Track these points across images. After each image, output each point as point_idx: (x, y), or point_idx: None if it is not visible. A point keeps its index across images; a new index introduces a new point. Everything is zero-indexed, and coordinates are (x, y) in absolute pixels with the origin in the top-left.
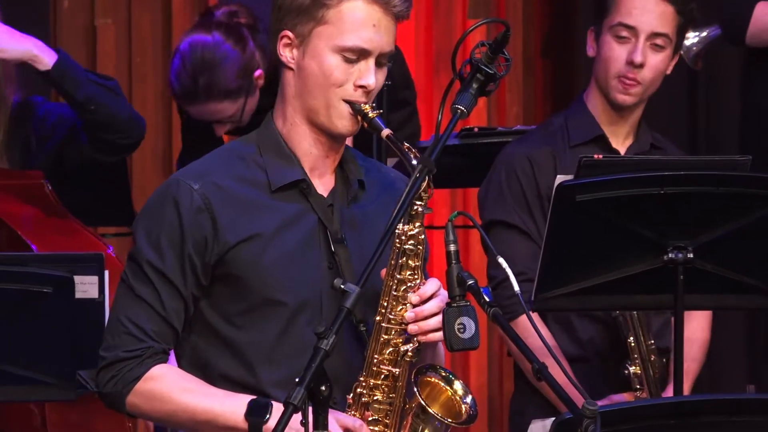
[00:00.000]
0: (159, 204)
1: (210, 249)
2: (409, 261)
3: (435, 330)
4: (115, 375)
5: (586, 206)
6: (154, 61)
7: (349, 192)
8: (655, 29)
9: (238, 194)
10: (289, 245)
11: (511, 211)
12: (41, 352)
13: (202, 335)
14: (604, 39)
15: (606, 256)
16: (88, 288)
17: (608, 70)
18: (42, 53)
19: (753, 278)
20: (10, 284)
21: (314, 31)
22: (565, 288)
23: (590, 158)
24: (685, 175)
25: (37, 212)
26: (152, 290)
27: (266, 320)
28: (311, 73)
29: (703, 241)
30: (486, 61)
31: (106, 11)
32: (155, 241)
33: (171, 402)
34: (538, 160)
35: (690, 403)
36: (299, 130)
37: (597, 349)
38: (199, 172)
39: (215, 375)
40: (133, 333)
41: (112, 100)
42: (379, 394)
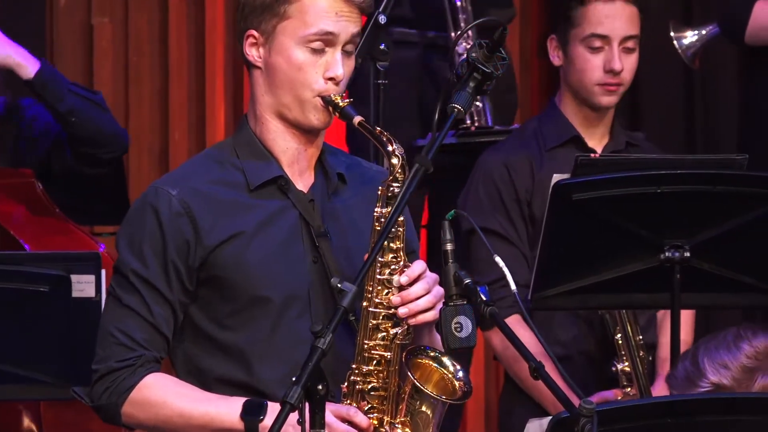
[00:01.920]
0: (139, 213)
1: (192, 252)
2: (391, 244)
3: (425, 311)
4: (108, 386)
5: (583, 205)
6: (151, 60)
7: (329, 185)
8: (626, 33)
9: (216, 196)
10: (272, 242)
11: (491, 218)
12: (38, 351)
13: (194, 341)
14: (576, 51)
15: (603, 254)
16: (85, 287)
17: (587, 79)
18: (24, 61)
19: (750, 277)
20: (6, 283)
21: (278, 27)
22: (561, 287)
23: (587, 157)
24: (682, 174)
25: (28, 211)
26: (139, 298)
27: (255, 318)
28: (279, 69)
29: (700, 240)
30: (482, 61)
31: (102, 10)
32: (138, 250)
33: (166, 408)
34: (515, 166)
35: (685, 403)
36: (272, 128)
37: (580, 348)
38: (177, 178)
39: (211, 379)
40: (124, 342)
41: (95, 114)
42: (373, 380)
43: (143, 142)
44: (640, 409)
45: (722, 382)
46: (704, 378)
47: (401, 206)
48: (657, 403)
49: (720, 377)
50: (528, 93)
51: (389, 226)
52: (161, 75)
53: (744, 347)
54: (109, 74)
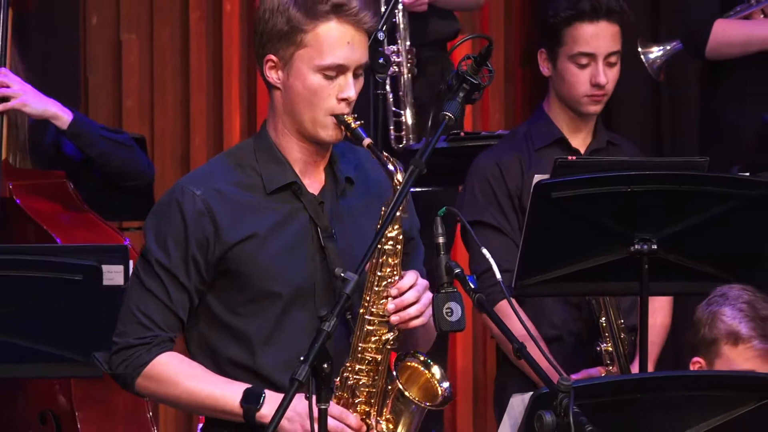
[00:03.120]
0: (165, 208)
1: (212, 248)
2: (389, 259)
3: (415, 317)
4: (125, 359)
5: (561, 202)
6: (173, 71)
7: (338, 189)
8: (609, 50)
9: (236, 198)
10: (284, 242)
11: (485, 212)
12: (71, 334)
13: (209, 323)
14: (564, 66)
15: (579, 247)
16: (114, 276)
17: (576, 92)
18: (60, 113)
19: (710, 267)
20: (44, 273)
21: (296, 54)
22: (542, 276)
23: (565, 159)
24: (650, 175)
25: (60, 208)
26: (160, 284)
27: (265, 309)
28: (297, 92)
29: (666, 233)
30: (471, 73)
31: (130, 27)
32: (162, 242)
33: (176, 386)
34: (507, 165)
35: (654, 379)
36: (289, 140)
37: (570, 329)
38: (202, 178)
39: (219, 358)
40: (143, 322)
41: (121, 155)
42: (363, 378)
43: (167, 146)
44: (613, 385)
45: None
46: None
47: (399, 203)
48: (628, 379)
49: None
50: (512, 101)
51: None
52: (183, 85)
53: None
54: (136, 85)
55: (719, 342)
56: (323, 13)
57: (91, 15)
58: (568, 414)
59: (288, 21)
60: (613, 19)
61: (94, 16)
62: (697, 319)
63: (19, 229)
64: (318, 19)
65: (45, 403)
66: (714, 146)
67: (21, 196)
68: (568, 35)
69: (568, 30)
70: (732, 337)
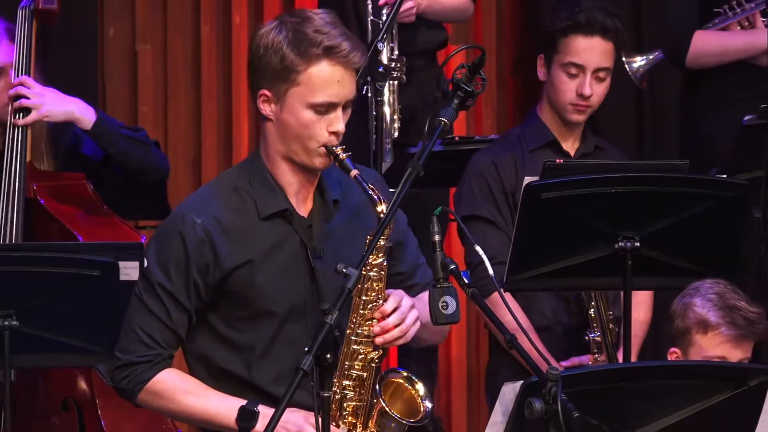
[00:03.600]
0: (167, 235)
1: (211, 273)
2: (374, 284)
3: (398, 338)
4: (127, 375)
5: (550, 203)
6: (185, 80)
7: (325, 212)
8: (599, 65)
9: (233, 225)
10: (277, 265)
11: (482, 207)
12: (91, 326)
13: (207, 337)
14: (555, 72)
15: (567, 244)
16: (130, 272)
17: (562, 99)
18: (83, 114)
19: (689, 263)
20: (65, 268)
21: (289, 91)
22: (532, 271)
23: (553, 162)
24: (633, 177)
25: (81, 208)
26: (161, 306)
27: (261, 326)
28: (290, 125)
29: (648, 232)
30: (465, 81)
31: (145, 38)
32: (164, 266)
33: (174, 402)
34: (502, 164)
35: (637, 369)
36: (281, 167)
37: (558, 319)
38: (201, 205)
39: (216, 369)
40: (145, 341)
41: (140, 151)
42: (350, 393)
43: (179, 150)
44: (598, 374)
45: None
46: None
47: (397, 203)
48: (612, 369)
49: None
50: (504, 107)
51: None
52: (194, 93)
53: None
54: (150, 93)
55: (691, 331)
56: (315, 55)
57: (108, 27)
58: (556, 401)
59: (282, 60)
60: (608, 36)
61: (111, 28)
62: (672, 312)
63: (43, 227)
64: (311, 60)
65: (67, 392)
66: (693, 150)
67: (44, 196)
68: (562, 44)
69: (563, 40)
70: (702, 326)
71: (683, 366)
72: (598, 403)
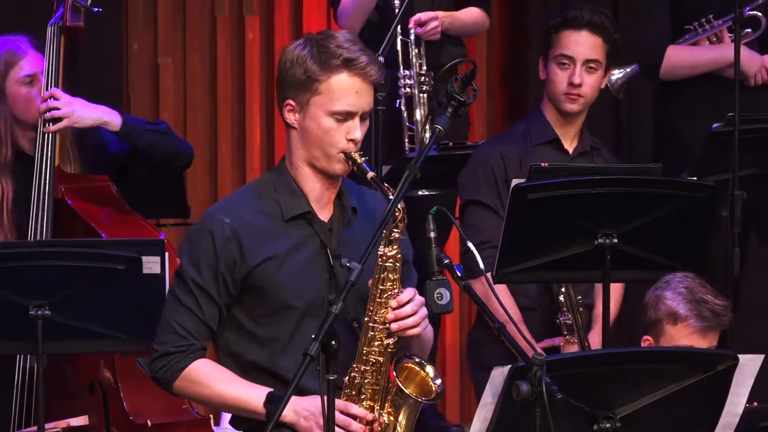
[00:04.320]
0: (199, 234)
1: (238, 268)
2: (389, 275)
3: (412, 327)
4: (164, 365)
5: (536, 203)
6: (203, 90)
7: (344, 217)
8: (588, 57)
9: (258, 225)
10: (299, 263)
11: (485, 194)
12: (116, 315)
13: (235, 331)
14: (550, 67)
15: (551, 240)
16: (152, 265)
17: (556, 90)
18: (110, 118)
19: (663, 258)
20: (92, 263)
21: (311, 100)
22: (520, 265)
23: (538, 166)
24: (612, 179)
25: (105, 208)
26: (194, 300)
27: (282, 320)
28: (312, 132)
29: (626, 229)
30: (458, 92)
31: (166, 52)
32: (195, 263)
33: (207, 388)
34: (509, 156)
35: (615, 355)
36: (304, 173)
37: (540, 302)
38: (230, 208)
39: (244, 362)
40: (180, 333)
41: (165, 141)
42: (368, 377)
43: (197, 153)
44: (579, 360)
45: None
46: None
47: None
48: (593, 354)
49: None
50: (493, 116)
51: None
52: (211, 102)
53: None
54: (171, 102)
55: (662, 321)
56: (336, 66)
57: (132, 42)
58: (541, 384)
59: (305, 71)
60: (595, 31)
61: (135, 43)
62: (646, 303)
63: (70, 226)
64: (331, 71)
65: (93, 375)
66: (666, 154)
67: (72, 197)
68: (555, 40)
69: (555, 36)
70: (672, 317)
71: (657, 352)
72: (579, 386)
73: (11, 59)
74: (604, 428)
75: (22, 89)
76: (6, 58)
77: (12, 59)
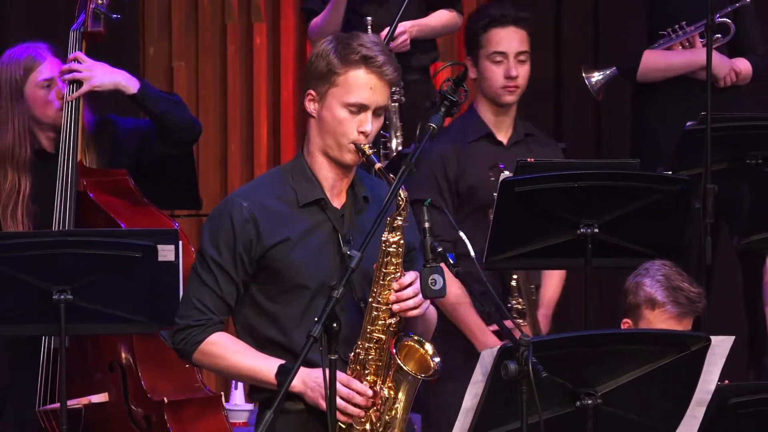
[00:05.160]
0: (219, 216)
1: (254, 248)
2: (393, 259)
3: (413, 308)
4: (185, 337)
5: (523, 195)
6: (214, 92)
7: (356, 206)
8: (518, 50)
9: (275, 209)
10: (311, 246)
11: (426, 192)
12: (134, 299)
13: (251, 309)
14: (484, 65)
15: (536, 230)
16: (167, 254)
17: (494, 85)
18: (128, 83)
19: (641, 246)
20: (111, 251)
21: (329, 91)
22: (507, 253)
23: (524, 161)
24: (593, 173)
25: (123, 200)
26: (213, 278)
27: (296, 298)
28: (327, 121)
29: (606, 220)
30: (450, 92)
31: (180, 57)
32: (216, 243)
33: (224, 359)
34: (446, 155)
35: (597, 336)
36: (319, 161)
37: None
38: (249, 192)
39: (260, 337)
40: (199, 308)
41: (178, 111)
42: (372, 353)
43: (209, 152)
44: (564, 341)
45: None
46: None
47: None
48: (576, 336)
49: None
50: None
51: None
52: (221, 104)
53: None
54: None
55: (641, 306)
56: (354, 62)
57: (148, 47)
58: (528, 363)
59: (327, 64)
60: (520, 25)
61: (151, 48)
62: (626, 288)
63: (91, 217)
64: (350, 65)
65: (112, 356)
66: (643, 151)
67: (93, 190)
68: (485, 39)
69: (484, 35)
70: (650, 303)
71: (636, 334)
72: (563, 365)
73: (30, 64)
74: (586, 405)
75: (40, 92)
76: (26, 63)
77: (31, 64)
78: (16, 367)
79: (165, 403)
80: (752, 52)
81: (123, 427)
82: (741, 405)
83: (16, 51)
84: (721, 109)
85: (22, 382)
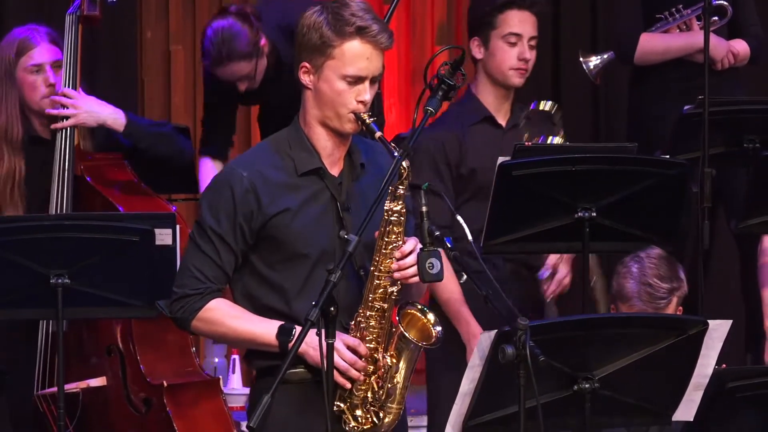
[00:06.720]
0: (218, 185)
1: (255, 218)
2: (394, 228)
3: (413, 276)
4: (183, 306)
5: (520, 179)
6: None
7: (353, 172)
8: (531, 34)
9: (274, 179)
10: (311, 214)
11: (426, 178)
12: (132, 283)
13: (252, 277)
14: (496, 45)
15: (534, 214)
16: (164, 237)
17: (504, 66)
18: (114, 120)
19: (638, 230)
20: (109, 235)
21: (325, 64)
22: (505, 237)
23: (522, 145)
24: (590, 157)
25: (121, 183)
26: (212, 247)
27: (296, 267)
28: (325, 93)
29: (603, 204)
30: (448, 76)
31: (177, 40)
32: (215, 213)
33: (223, 326)
34: (447, 140)
35: (594, 320)
36: (317, 131)
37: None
38: (248, 162)
39: (260, 305)
40: (197, 276)
41: (165, 143)
42: (373, 321)
43: None
44: (559, 325)
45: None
46: None
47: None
48: (573, 320)
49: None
50: None
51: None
52: None
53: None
54: (182, 86)
55: (616, 297)
56: (349, 33)
57: (146, 31)
58: (525, 347)
59: (321, 37)
60: (534, 10)
61: (148, 31)
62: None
63: (89, 200)
64: (345, 38)
65: (110, 340)
66: (640, 134)
67: (90, 174)
68: (500, 20)
69: (500, 16)
70: (621, 295)
71: (633, 318)
72: (560, 349)
73: (23, 47)
74: (584, 388)
75: (29, 77)
76: (19, 45)
77: (24, 47)
78: (13, 351)
79: (165, 387)
80: (749, 33)
81: (121, 410)
82: (738, 389)
83: (16, 32)
84: (720, 92)
85: (19, 366)
